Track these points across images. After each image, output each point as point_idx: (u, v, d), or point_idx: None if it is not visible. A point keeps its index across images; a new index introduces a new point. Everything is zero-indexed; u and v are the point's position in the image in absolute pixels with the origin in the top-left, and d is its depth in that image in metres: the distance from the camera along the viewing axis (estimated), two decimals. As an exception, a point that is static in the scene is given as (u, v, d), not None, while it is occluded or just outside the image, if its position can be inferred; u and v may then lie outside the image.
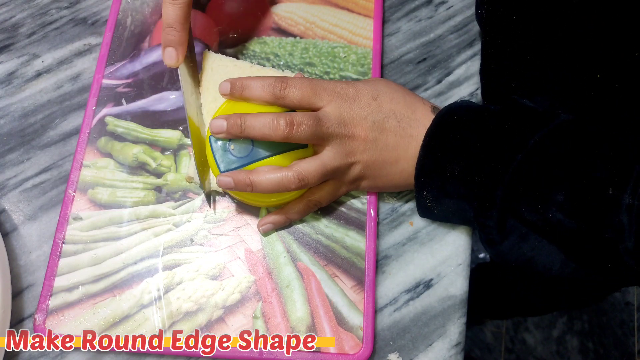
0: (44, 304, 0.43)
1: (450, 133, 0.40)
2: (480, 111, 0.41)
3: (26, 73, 0.52)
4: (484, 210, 0.39)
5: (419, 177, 0.41)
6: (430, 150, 0.40)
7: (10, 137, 0.49)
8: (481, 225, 0.39)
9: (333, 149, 0.41)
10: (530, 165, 0.37)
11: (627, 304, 1.29)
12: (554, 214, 0.36)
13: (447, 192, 0.40)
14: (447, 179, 0.40)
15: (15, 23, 0.54)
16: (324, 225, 0.46)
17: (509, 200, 0.37)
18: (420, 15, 0.54)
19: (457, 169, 0.39)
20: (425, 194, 0.42)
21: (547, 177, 0.36)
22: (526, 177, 0.37)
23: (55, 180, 0.48)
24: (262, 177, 0.39)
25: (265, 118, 0.39)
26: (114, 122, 0.49)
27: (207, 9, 0.54)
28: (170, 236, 0.45)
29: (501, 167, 0.37)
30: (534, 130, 0.38)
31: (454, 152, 0.40)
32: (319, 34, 0.52)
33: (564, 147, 0.37)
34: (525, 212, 0.37)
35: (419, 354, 0.43)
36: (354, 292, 0.43)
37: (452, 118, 0.41)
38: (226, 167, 0.41)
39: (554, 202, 0.36)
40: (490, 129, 0.39)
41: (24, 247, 0.46)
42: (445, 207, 0.42)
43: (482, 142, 0.39)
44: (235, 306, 0.43)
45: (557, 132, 0.37)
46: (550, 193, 0.36)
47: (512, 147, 0.38)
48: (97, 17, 0.54)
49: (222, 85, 0.42)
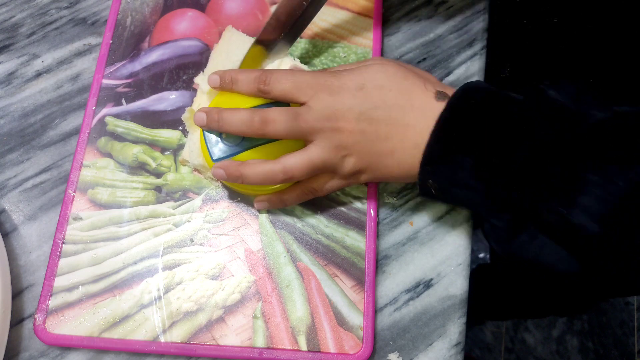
0: (44, 304, 0.43)
1: (465, 119, 0.37)
2: (501, 97, 0.37)
3: (26, 73, 0.52)
4: (496, 209, 0.37)
5: (425, 165, 0.38)
6: (441, 137, 0.37)
7: (10, 137, 0.49)
8: (491, 224, 0.38)
9: (319, 143, 0.40)
10: (557, 166, 0.34)
11: (627, 304, 1.29)
12: (576, 216, 0.33)
13: (456, 182, 0.38)
14: (457, 170, 0.37)
15: (15, 23, 0.54)
16: (324, 225, 0.46)
17: (526, 200, 0.35)
18: (420, 15, 0.54)
19: (469, 160, 0.36)
20: (431, 183, 0.39)
21: (573, 179, 0.34)
22: (551, 178, 0.34)
23: (55, 180, 0.48)
24: (250, 170, 0.40)
25: (240, 114, 0.40)
26: (114, 122, 0.49)
27: (207, 9, 0.54)
28: (170, 236, 0.45)
29: (522, 165, 0.35)
30: (562, 128, 0.35)
31: (469, 141, 0.36)
32: (319, 34, 0.52)
33: (597, 150, 0.34)
34: (544, 212, 0.34)
35: (419, 354, 0.43)
36: (354, 292, 0.43)
37: (467, 102, 0.37)
38: (218, 155, 0.41)
39: (579, 205, 0.33)
40: (513, 120, 0.36)
41: (24, 247, 0.46)
42: (451, 195, 0.39)
43: (501, 134, 0.36)
44: (235, 306, 0.43)
45: (588, 133, 0.34)
46: (576, 195, 0.33)
47: (537, 145, 0.35)
48: (97, 17, 0.54)
49: (211, 77, 0.43)
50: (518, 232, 0.36)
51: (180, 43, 0.51)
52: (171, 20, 0.53)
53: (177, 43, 0.52)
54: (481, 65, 0.52)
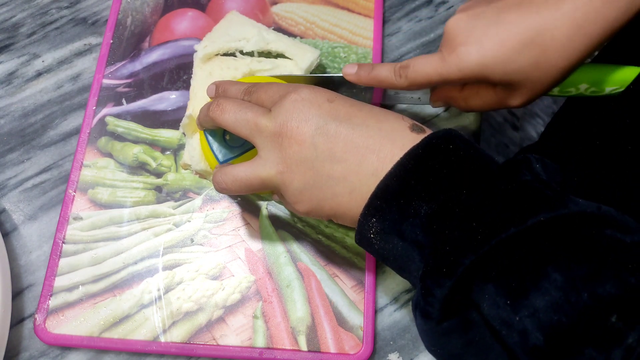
0: (44, 303, 0.43)
1: (437, 162, 0.32)
2: (483, 156, 0.33)
3: (26, 73, 0.52)
4: (437, 273, 0.29)
5: (376, 198, 0.32)
6: (404, 173, 0.32)
7: (10, 137, 0.49)
8: (425, 290, 0.30)
9: (262, 155, 0.36)
10: (518, 248, 0.28)
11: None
12: (523, 319, 0.27)
13: (401, 231, 0.32)
14: (408, 216, 0.31)
15: (15, 23, 0.54)
16: (324, 225, 0.46)
17: (473, 277, 0.29)
18: (421, 15, 0.54)
19: (426, 209, 0.31)
20: (374, 222, 0.33)
21: (533, 270, 0.27)
22: (508, 259, 0.28)
23: (55, 180, 0.48)
24: (214, 173, 0.39)
25: (207, 104, 0.40)
26: (114, 122, 0.49)
27: (207, 9, 0.54)
28: (170, 236, 0.45)
29: (482, 233, 0.29)
30: (538, 209, 0.29)
31: (432, 187, 0.31)
32: (319, 34, 0.52)
33: (569, 243, 0.28)
34: (486, 303, 0.28)
35: (419, 353, 0.43)
36: (354, 292, 0.43)
37: (447, 146, 0.32)
38: (224, 157, 0.41)
39: (529, 306, 0.27)
40: (487, 183, 0.31)
41: (24, 247, 0.46)
42: (390, 246, 0.33)
43: (471, 192, 0.31)
44: (235, 306, 0.43)
45: (563, 222, 0.28)
46: (529, 291, 0.27)
47: (507, 217, 0.29)
48: (97, 17, 0.54)
49: (209, 87, 0.42)
50: (453, 314, 0.30)
51: (180, 43, 0.51)
52: (171, 20, 0.53)
53: (178, 43, 0.52)
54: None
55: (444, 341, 0.31)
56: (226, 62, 0.48)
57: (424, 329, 0.31)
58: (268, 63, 0.48)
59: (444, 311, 0.30)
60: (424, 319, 0.31)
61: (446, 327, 0.30)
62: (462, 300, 0.30)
